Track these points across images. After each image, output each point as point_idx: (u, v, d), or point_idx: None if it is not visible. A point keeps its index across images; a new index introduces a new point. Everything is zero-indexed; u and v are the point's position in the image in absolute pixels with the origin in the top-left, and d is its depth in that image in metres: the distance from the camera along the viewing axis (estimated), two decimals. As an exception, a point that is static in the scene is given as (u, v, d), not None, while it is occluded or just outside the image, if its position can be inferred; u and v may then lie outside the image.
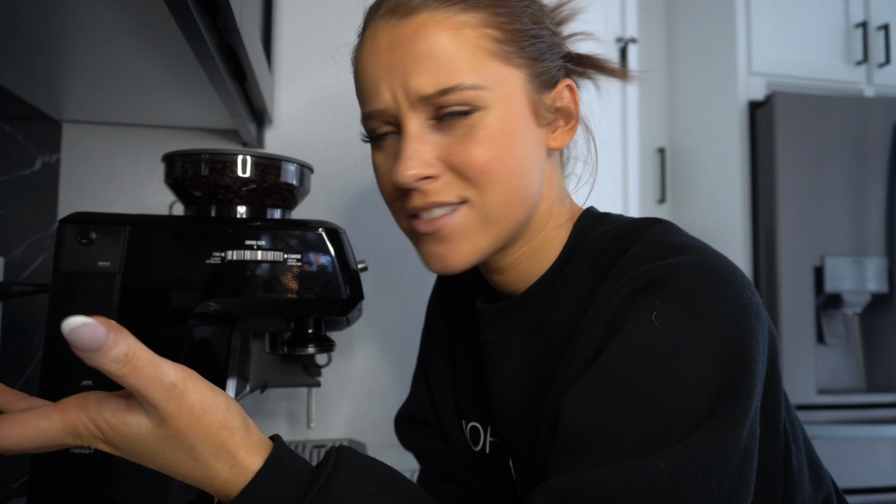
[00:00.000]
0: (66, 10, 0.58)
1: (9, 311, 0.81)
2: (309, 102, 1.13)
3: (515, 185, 0.49)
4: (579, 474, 0.39)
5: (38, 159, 0.94)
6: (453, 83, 0.47)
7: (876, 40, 1.85)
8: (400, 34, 0.48)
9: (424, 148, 0.48)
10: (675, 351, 0.40)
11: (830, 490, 0.55)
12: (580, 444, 0.41)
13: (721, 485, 0.38)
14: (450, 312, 0.71)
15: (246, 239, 0.61)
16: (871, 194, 1.68)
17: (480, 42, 0.48)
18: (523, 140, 0.50)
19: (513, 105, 0.49)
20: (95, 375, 0.56)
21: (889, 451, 1.60)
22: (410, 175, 0.47)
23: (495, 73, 0.48)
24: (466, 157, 0.48)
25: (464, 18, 0.48)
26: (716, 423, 0.39)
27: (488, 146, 0.48)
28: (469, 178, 0.48)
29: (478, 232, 0.50)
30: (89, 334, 0.32)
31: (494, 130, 0.48)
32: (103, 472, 0.56)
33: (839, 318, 1.72)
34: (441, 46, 0.47)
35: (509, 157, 0.49)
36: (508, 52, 0.49)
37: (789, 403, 0.53)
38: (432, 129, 0.49)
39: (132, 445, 0.37)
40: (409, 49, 0.47)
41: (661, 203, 2.09)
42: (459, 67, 0.47)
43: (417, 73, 0.47)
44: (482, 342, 0.59)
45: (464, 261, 0.51)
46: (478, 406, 0.64)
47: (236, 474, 0.38)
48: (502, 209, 0.50)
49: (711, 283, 0.43)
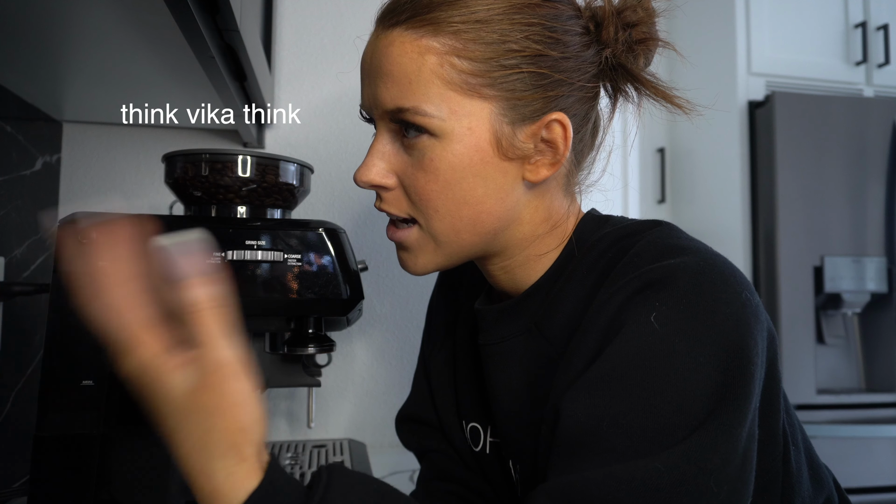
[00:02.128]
0: (66, 10, 0.58)
1: (9, 311, 0.81)
2: (309, 102, 1.13)
3: (461, 215, 0.50)
4: (580, 475, 0.39)
5: (38, 159, 0.94)
6: (408, 105, 0.47)
7: (875, 40, 1.86)
8: (378, 45, 0.50)
9: (384, 158, 0.51)
10: (674, 352, 0.40)
11: (832, 490, 0.55)
12: (579, 445, 0.41)
13: (720, 486, 0.38)
14: (451, 312, 0.71)
15: (246, 239, 0.61)
16: (870, 194, 1.68)
17: (441, 71, 0.47)
18: (475, 173, 0.49)
19: (468, 139, 0.48)
20: (96, 375, 0.56)
21: (888, 450, 1.60)
22: (363, 181, 0.51)
23: (453, 104, 0.47)
24: (413, 182, 0.50)
25: (430, 43, 0.47)
26: (715, 424, 0.39)
27: (433, 178, 0.49)
28: (413, 202, 0.51)
29: (431, 249, 0.52)
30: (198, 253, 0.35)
31: (441, 163, 0.48)
32: (103, 473, 0.56)
33: (839, 317, 1.72)
34: (402, 67, 0.47)
35: (454, 190, 0.49)
36: (476, 85, 0.47)
37: (788, 404, 0.53)
38: (397, 139, 0.51)
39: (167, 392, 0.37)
40: (379, 62, 0.49)
41: (660, 203, 2.09)
42: (416, 91, 0.47)
43: (381, 86, 0.49)
44: (481, 343, 0.59)
45: (421, 269, 0.54)
46: (478, 406, 0.64)
47: (229, 486, 0.37)
48: (449, 234, 0.51)
49: (711, 284, 0.43)
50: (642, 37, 0.53)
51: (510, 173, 0.50)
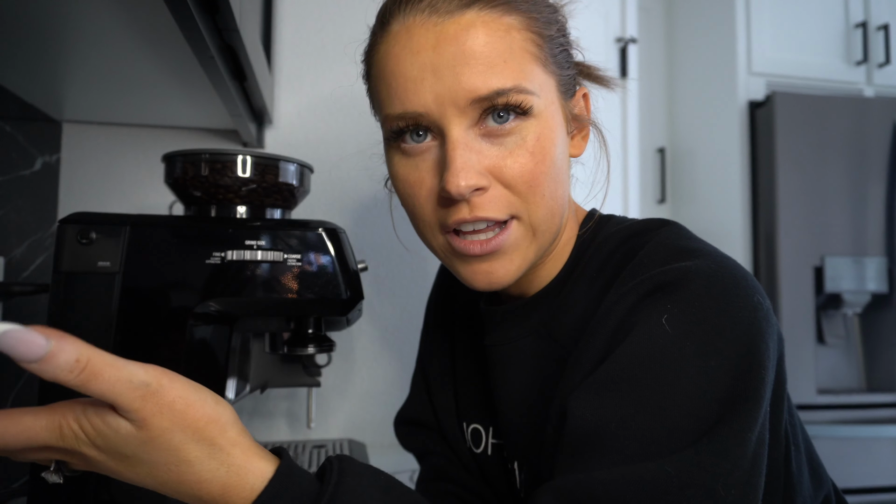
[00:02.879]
0: (66, 10, 0.58)
1: (9, 311, 0.81)
2: (309, 102, 1.13)
3: (556, 195, 0.49)
4: (587, 475, 0.39)
5: (38, 159, 0.94)
6: (509, 84, 0.44)
7: (876, 40, 1.86)
8: (445, 32, 0.45)
9: (475, 157, 0.45)
10: (684, 355, 0.40)
11: (830, 489, 0.55)
12: (586, 446, 0.41)
13: (728, 490, 0.38)
14: (450, 314, 0.70)
15: (246, 239, 0.61)
16: (871, 194, 1.68)
17: (526, 46, 0.47)
18: (561, 150, 0.49)
19: (554, 114, 0.49)
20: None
21: (889, 450, 1.60)
22: (466, 186, 0.44)
23: (539, 79, 0.47)
24: (519, 170, 0.46)
25: (510, 20, 0.46)
26: (725, 428, 0.39)
27: (539, 158, 0.46)
28: (519, 193, 0.46)
29: (527, 246, 0.49)
30: (19, 341, 0.30)
31: (543, 140, 0.47)
32: (103, 472, 0.56)
33: (839, 318, 1.72)
34: (493, 46, 0.45)
35: (554, 167, 0.48)
36: (546, 59, 0.48)
37: (791, 404, 0.52)
38: (477, 136, 0.46)
39: (115, 447, 0.35)
40: (459, 49, 0.44)
41: (660, 203, 2.09)
42: (513, 69, 0.45)
43: (469, 73, 0.44)
44: (487, 344, 0.59)
45: (514, 275, 0.49)
46: (480, 408, 0.64)
47: (236, 477, 0.36)
48: (547, 221, 0.49)
49: (722, 287, 0.42)
50: None
51: (567, 149, 0.52)
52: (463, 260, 0.49)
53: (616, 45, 1.43)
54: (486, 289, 0.49)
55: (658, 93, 2.14)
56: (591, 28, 1.36)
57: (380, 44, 0.49)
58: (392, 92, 0.47)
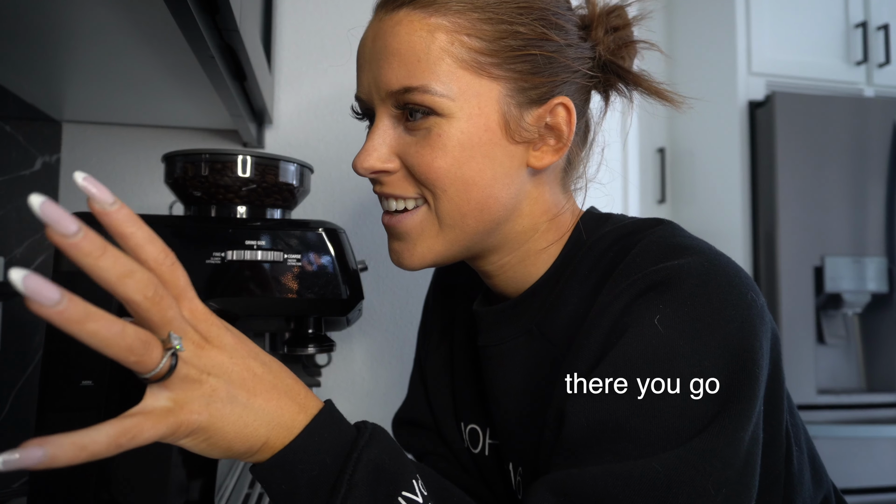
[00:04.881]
0: (66, 10, 0.58)
1: (9, 311, 0.81)
2: (309, 102, 1.13)
3: (469, 197, 0.49)
4: (580, 470, 0.39)
5: (38, 159, 0.94)
6: (416, 84, 0.47)
7: (876, 40, 1.86)
8: (381, 28, 0.49)
9: (386, 142, 0.50)
10: (677, 355, 0.40)
11: (830, 490, 0.55)
12: (582, 447, 0.41)
13: (719, 489, 0.38)
14: (447, 314, 0.70)
15: (246, 239, 0.61)
16: (871, 194, 1.68)
17: (452, 49, 0.47)
18: (484, 154, 0.48)
19: (477, 118, 0.48)
20: (96, 375, 0.56)
21: (889, 450, 1.60)
22: (364, 168, 0.50)
23: (462, 83, 0.47)
24: (418, 160, 0.48)
25: (439, 21, 0.47)
26: (718, 427, 0.39)
27: (440, 155, 0.48)
28: (420, 182, 0.49)
29: (433, 235, 0.51)
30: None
31: (449, 140, 0.47)
32: (103, 473, 0.56)
33: (839, 318, 1.72)
34: (410, 45, 0.47)
35: (463, 168, 0.48)
36: (485, 64, 0.47)
37: (792, 404, 0.52)
38: (399, 123, 0.50)
39: (223, 335, 0.37)
40: (384, 44, 0.48)
41: (660, 203, 2.09)
42: (424, 70, 0.46)
43: (387, 67, 0.48)
44: (480, 345, 0.59)
45: (418, 261, 0.52)
46: (477, 408, 0.64)
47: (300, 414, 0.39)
48: (455, 217, 0.50)
49: (715, 285, 0.42)
50: (626, 40, 0.54)
51: (516, 158, 0.50)
52: (388, 235, 0.54)
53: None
54: (399, 266, 0.53)
55: (658, 93, 2.14)
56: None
57: None
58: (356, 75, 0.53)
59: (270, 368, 0.39)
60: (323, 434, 0.39)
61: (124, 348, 0.30)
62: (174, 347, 0.33)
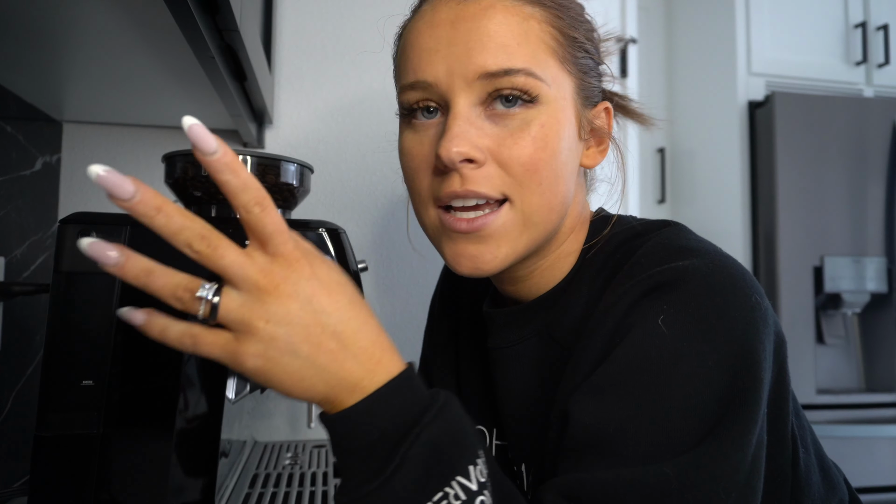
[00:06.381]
0: (66, 10, 0.58)
1: (9, 311, 0.81)
2: (309, 102, 1.13)
3: (556, 190, 0.48)
4: (590, 475, 0.39)
5: (38, 159, 0.94)
6: (519, 66, 0.45)
7: (875, 41, 1.86)
8: (465, 11, 0.46)
9: (473, 130, 0.45)
10: (681, 356, 0.40)
11: (845, 492, 0.54)
12: (587, 449, 0.41)
13: (729, 493, 0.38)
14: (454, 315, 0.70)
15: (246, 239, 0.61)
16: (870, 194, 1.68)
17: (544, 37, 0.47)
18: (567, 147, 0.49)
19: (564, 109, 0.48)
20: (96, 375, 0.56)
21: (888, 450, 1.60)
22: (457, 152, 0.44)
23: (553, 71, 0.47)
24: (518, 151, 0.46)
25: (531, 10, 0.47)
26: (724, 431, 0.39)
27: (540, 145, 0.46)
28: (514, 175, 0.46)
29: (517, 234, 0.48)
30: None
31: (547, 130, 0.47)
32: (103, 473, 0.56)
33: (839, 317, 1.72)
34: (509, 29, 0.46)
35: (556, 160, 0.47)
36: (565, 57, 0.48)
37: (798, 405, 0.52)
38: (482, 115, 0.46)
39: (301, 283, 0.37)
40: (475, 26, 0.45)
41: (660, 203, 2.09)
42: (526, 53, 0.46)
43: (481, 49, 0.45)
44: (490, 347, 0.58)
45: (500, 263, 0.48)
46: (484, 409, 0.64)
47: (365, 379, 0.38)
48: (543, 212, 0.48)
49: (720, 287, 0.42)
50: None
51: (579, 155, 0.52)
52: (450, 238, 0.48)
53: (616, 46, 1.43)
54: (471, 274, 0.48)
55: (658, 93, 2.15)
56: (591, 28, 1.36)
57: (408, 23, 0.52)
58: (408, 62, 0.49)
59: (348, 324, 0.37)
60: (391, 401, 0.37)
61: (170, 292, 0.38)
62: (202, 297, 0.37)
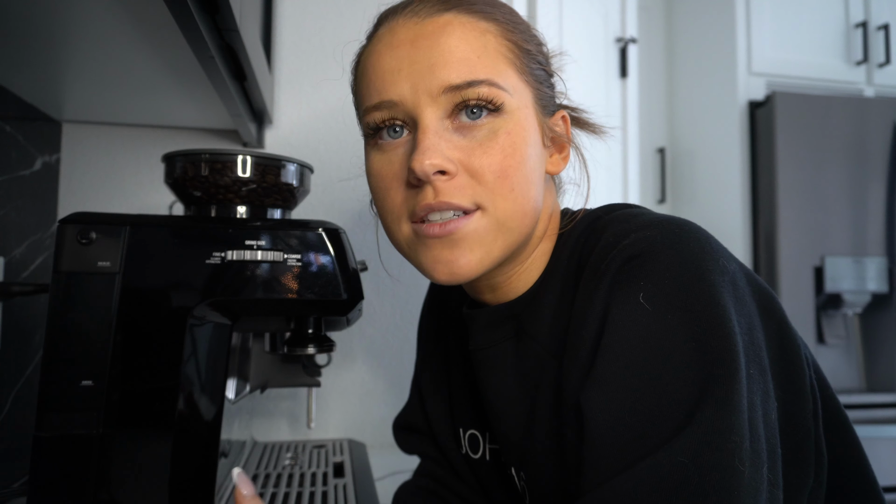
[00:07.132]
0: (66, 10, 0.58)
1: (9, 311, 0.81)
2: (309, 102, 1.13)
3: (528, 195, 0.49)
4: (608, 490, 0.38)
5: (38, 159, 0.94)
6: (482, 77, 0.46)
7: (876, 40, 1.86)
8: (424, 30, 0.47)
9: (443, 143, 0.46)
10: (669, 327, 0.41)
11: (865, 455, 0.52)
12: (607, 444, 0.40)
13: (743, 463, 0.38)
14: (442, 320, 0.70)
15: (246, 239, 0.61)
16: (871, 194, 1.68)
17: (501, 49, 0.48)
18: (535, 153, 0.50)
19: (528, 117, 0.49)
20: (96, 375, 0.56)
21: (889, 451, 1.60)
22: (430, 164, 0.45)
23: (513, 81, 0.49)
24: (488, 160, 0.46)
25: (486, 25, 0.48)
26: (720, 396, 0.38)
27: (509, 152, 0.47)
28: (486, 183, 0.46)
29: (491, 239, 0.48)
30: None
31: (514, 137, 0.47)
32: (103, 473, 0.56)
33: (839, 318, 1.72)
34: (468, 44, 0.47)
35: (525, 166, 0.48)
36: (522, 68, 0.50)
37: (816, 362, 0.52)
38: (449, 128, 0.47)
39: None
40: (435, 43, 0.47)
41: (661, 203, 2.09)
42: (486, 65, 0.47)
43: (444, 64, 0.46)
44: (471, 348, 0.58)
45: (475, 268, 0.48)
46: (475, 413, 0.63)
47: None
48: (517, 218, 0.48)
49: (690, 255, 0.43)
50: None
51: (544, 161, 0.53)
52: (425, 246, 0.48)
53: (616, 45, 1.43)
54: (448, 280, 0.48)
55: (658, 93, 2.14)
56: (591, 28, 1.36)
57: (365, 48, 0.52)
58: (371, 85, 0.49)
59: None
60: None
61: None
62: None
